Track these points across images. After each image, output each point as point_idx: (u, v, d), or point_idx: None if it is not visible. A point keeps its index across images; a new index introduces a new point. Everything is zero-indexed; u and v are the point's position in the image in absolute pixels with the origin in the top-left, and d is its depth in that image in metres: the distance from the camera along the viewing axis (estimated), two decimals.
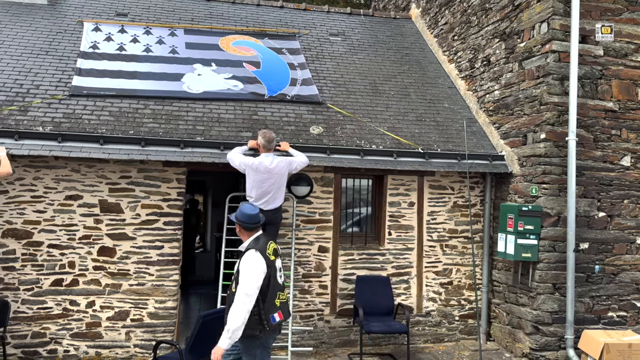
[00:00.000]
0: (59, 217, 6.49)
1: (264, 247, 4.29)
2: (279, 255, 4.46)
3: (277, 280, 4.31)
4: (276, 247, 4.48)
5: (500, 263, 7.59)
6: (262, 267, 4.17)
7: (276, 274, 4.31)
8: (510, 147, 7.49)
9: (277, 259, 4.40)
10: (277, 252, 4.45)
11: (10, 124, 6.27)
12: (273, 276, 4.26)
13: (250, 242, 4.36)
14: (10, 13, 8.36)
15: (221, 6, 9.90)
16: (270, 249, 4.32)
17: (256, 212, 4.44)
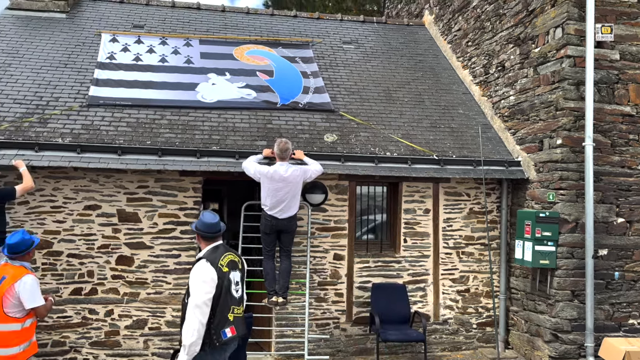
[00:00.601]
0: (78, 227, 6.59)
1: (217, 257, 4.07)
2: (238, 269, 4.21)
3: (231, 294, 4.06)
4: (236, 259, 4.24)
5: (518, 270, 7.52)
6: (211, 277, 3.94)
7: (230, 286, 4.05)
8: (526, 152, 7.44)
9: (234, 272, 4.14)
10: (235, 264, 4.19)
11: (30, 135, 6.39)
12: (226, 288, 4.01)
13: (206, 251, 4.16)
14: (30, 27, 8.54)
15: (236, 17, 10.00)
16: (224, 260, 4.08)
17: (216, 221, 4.22)
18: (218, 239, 4.23)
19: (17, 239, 4.65)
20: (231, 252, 4.24)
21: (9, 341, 4.48)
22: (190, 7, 9.99)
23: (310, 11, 12.80)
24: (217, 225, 4.21)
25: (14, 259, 4.62)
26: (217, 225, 4.21)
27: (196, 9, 9.99)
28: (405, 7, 12.30)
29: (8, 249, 4.63)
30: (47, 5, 8.97)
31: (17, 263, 4.62)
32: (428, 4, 10.85)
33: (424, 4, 11.09)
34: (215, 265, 4.00)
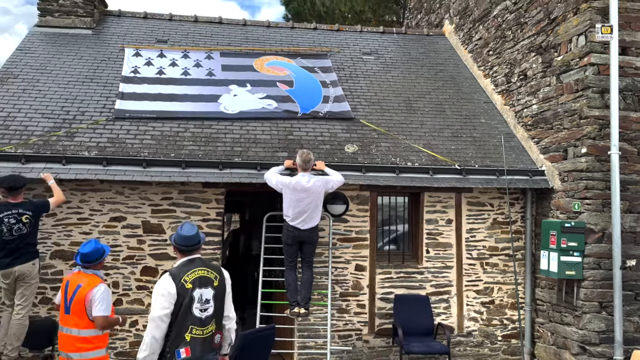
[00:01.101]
0: (104, 238, 6.69)
1: (182, 272, 3.86)
2: (211, 286, 3.92)
3: (191, 312, 3.79)
4: (210, 275, 3.96)
5: (544, 281, 7.40)
6: (168, 291, 3.76)
7: (192, 304, 3.79)
8: (550, 162, 7.35)
9: (203, 289, 3.86)
10: (206, 281, 3.91)
11: (58, 149, 6.54)
12: (186, 306, 3.77)
13: (177, 265, 4.00)
14: (57, 43, 8.77)
15: (257, 30, 10.13)
16: (191, 276, 3.84)
17: (192, 233, 4.02)
18: (194, 253, 4.03)
19: (90, 248, 4.67)
20: (206, 268, 3.98)
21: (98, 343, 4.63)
22: (212, 22, 10.15)
23: (329, 23, 12.89)
24: (193, 238, 4.02)
25: (87, 267, 4.65)
26: (193, 238, 4.02)
27: (218, 23, 10.15)
28: (425, 18, 12.31)
29: (82, 258, 4.65)
30: (74, 22, 9.21)
31: (90, 272, 4.65)
32: (448, 14, 10.84)
33: (444, 14, 11.09)
34: (177, 280, 3.80)
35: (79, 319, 4.52)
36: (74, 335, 4.54)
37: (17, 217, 5.72)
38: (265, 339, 5.26)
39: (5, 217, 5.68)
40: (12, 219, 5.70)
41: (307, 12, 19.32)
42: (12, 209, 5.73)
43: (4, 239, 5.67)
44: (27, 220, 5.78)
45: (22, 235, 5.75)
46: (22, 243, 5.75)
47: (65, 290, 4.62)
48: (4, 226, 5.66)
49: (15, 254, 5.70)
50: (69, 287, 4.60)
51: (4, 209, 5.71)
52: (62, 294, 4.67)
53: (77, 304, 4.53)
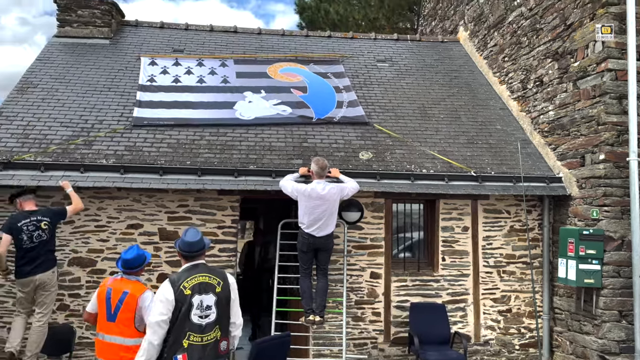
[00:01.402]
0: (121, 246, 6.75)
1: (182, 278, 3.86)
2: (212, 292, 3.90)
3: (189, 319, 3.79)
4: (212, 282, 3.94)
5: (562, 289, 7.30)
6: (166, 297, 3.78)
7: (190, 310, 3.79)
8: (567, 168, 7.27)
9: (203, 295, 3.86)
10: (207, 287, 3.90)
11: (76, 157, 6.64)
12: (184, 312, 3.77)
13: (179, 270, 4.02)
14: (75, 53, 8.92)
15: (271, 39, 10.20)
16: (190, 282, 3.84)
17: (196, 239, 4.03)
18: (198, 258, 4.04)
19: (133, 254, 4.59)
20: (208, 274, 3.96)
21: None
22: (228, 31, 10.25)
23: (343, 31, 12.93)
24: (197, 244, 4.03)
25: (129, 274, 4.57)
26: (197, 244, 4.03)
27: (233, 32, 10.25)
28: (439, 25, 12.30)
29: (124, 264, 4.57)
30: (92, 32, 9.36)
31: (133, 278, 4.58)
32: (463, 21, 10.82)
33: (458, 20, 11.08)
34: (176, 287, 3.81)
35: (125, 327, 4.37)
36: (117, 343, 4.38)
37: (35, 223, 5.78)
38: (280, 346, 5.26)
39: (24, 225, 5.74)
40: (32, 226, 5.76)
41: (321, 21, 19.42)
42: (30, 216, 5.80)
43: (25, 247, 5.71)
44: (45, 226, 5.84)
45: (42, 242, 5.80)
46: (42, 250, 5.79)
47: (107, 298, 4.45)
48: (24, 234, 5.70)
49: (37, 262, 5.75)
50: (112, 294, 4.43)
51: (22, 218, 5.78)
52: (102, 302, 4.49)
53: (126, 312, 4.38)
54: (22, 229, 5.71)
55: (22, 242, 5.70)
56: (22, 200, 5.96)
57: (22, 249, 5.72)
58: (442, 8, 12.11)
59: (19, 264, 5.75)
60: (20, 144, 6.76)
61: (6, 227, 5.76)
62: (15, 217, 5.83)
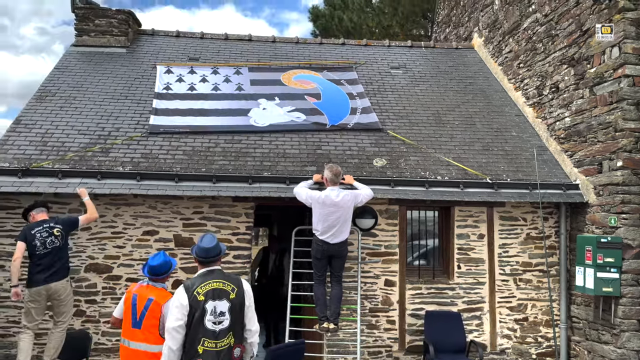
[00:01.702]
0: (137, 252, 6.82)
1: (197, 284, 3.88)
2: (222, 298, 3.89)
3: (203, 324, 3.80)
4: (226, 288, 3.93)
5: (579, 298, 7.20)
6: (180, 303, 3.81)
7: (204, 316, 3.80)
8: (584, 175, 7.19)
9: (217, 301, 3.86)
10: (221, 293, 3.89)
11: (93, 165, 6.72)
12: (198, 318, 3.79)
13: (194, 276, 4.03)
14: (93, 62, 9.05)
15: (285, 47, 10.26)
16: (204, 288, 3.85)
17: (212, 245, 4.04)
18: (214, 264, 4.04)
19: (159, 261, 4.59)
20: (222, 280, 3.96)
21: None
22: (242, 39, 10.33)
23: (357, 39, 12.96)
24: (213, 249, 4.04)
25: (155, 280, 4.57)
26: (213, 249, 4.04)
27: (248, 40, 10.33)
28: (453, 31, 12.28)
29: (151, 271, 4.57)
30: (109, 41, 9.49)
31: (159, 285, 4.59)
32: (477, 27, 10.79)
33: (472, 27, 11.05)
34: (190, 292, 3.82)
35: (150, 334, 4.38)
36: (142, 350, 4.38)
37: (48, 230, 5.81)
38: (294, 353, 5.25)
39: (37, 232, 5.77)
40: (44, 232, 5.78)
41: (334, 28, 19.51)
42: (43, 224, 5.85)
43: (38, 254, 5.70)
44: (58, 233, 5.85)
45: (55, 249, 5.78)
46: (56, 257, 5.79)
47: (133, 304, 4.46)
48: (37, 240, 5.72)
49: (52, 270, 5.73)
50: (137, 301, 4.44)
51: (35, 225, 5.82)
52: (128, 308, 4.49)
53: (151, 319, 4.39)
54: (35, 236, 5.74)
55: (35, 248, 5.71)
56: (35, 212, 6.01)
57: (35, 256, 5.71)
58: (456, 15, 12.10)
59: (33, 272, 5.71)
60: (39, 151, 6.86)
61: (21, 235, 5.81)
62: (28, 225, 5.89)
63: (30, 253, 5.74)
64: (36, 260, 5.72)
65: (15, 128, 7.26)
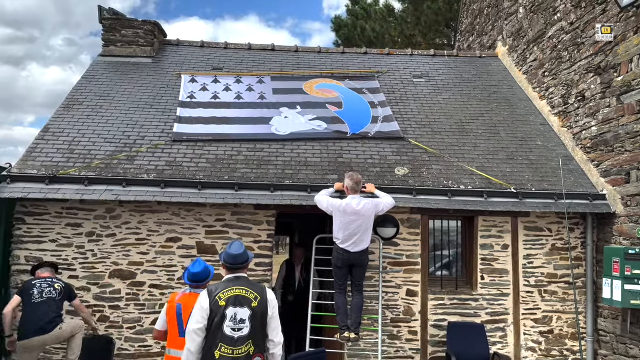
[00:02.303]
0: (160, 259, 6.89)
1: (219, 289, 3.91)
2: (244, 306, 3.90)
3: (222, 330, 3.82)
4: (249, 295, 3.94)
5: (607, 311, 7.02)
6: (201, 306, 3.86)
7: (223, 322, 3.82)
8: (612, 185, 7.04)
9: (238, 308, 3.87)
10: (243, 300, 3.90)
11: (119, 172, 6.83)
12: (217, 323, 3.82)
13: (220, 282, 4.10)
14: (120, 72, 9.23)
15: (308, 56, 10.32)
16: (226, 294, 3.88)
17: (239, 252, 4.09)
18: (240, 271, 4.09)
19: (200, 268, 4.61)
20: (246, 287, 3.98)
21: None
22: (265, 49, 10.43)
23: (380, 48, 12.98)
24: (241, 257, 4.09)
25: (196, 287, 4.56)
26: (241, 257, 4.09)
27: (271, 50, 10.42)
28: (477, 40, 12.20)
29: (192, 277, 4.58)
30: (135, 52, 9.68)
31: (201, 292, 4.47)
32: (501, 36, 10.71)
33: (496, 35, 10.97)
34: (212, 297, 3.87)
35: None
36: None
37: (50, 283, 5.92)
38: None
39: (37, 282, 5.88)
40: (45, 284, 5.89)
41: (357, 38, 19.57)
42: (47, 279, 5.96)
43: (33, 302, 5.70)
44: (59, 287, 5.95)
45: (51, 299, 5.79)
46: (51, 308, 5.76)
47: (178, 314, 4.43)
48: (35, 289, 5.78)
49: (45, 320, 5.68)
50: (183, 310, 4.40)
51: (38, 280, 5.93)
52: (172, 318, 4.46)
53: None
54: (34, 285, 5.83)
55: (31, 297, 5.71)
56: (41, 272, 6.09)
57: (30, 305, 5.69)
58: (480, 24, 12.03)
59: (23, 323, 5.69)
60: (66, 159, 7.01)
61: (18, 290, 5.92)
62: (30, 279, 6.01)
63: (24, 304, 5.72)
64: (30, 309, 5.69)
65: (44, 136, 7.43)
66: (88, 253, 6.83)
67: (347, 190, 6.45)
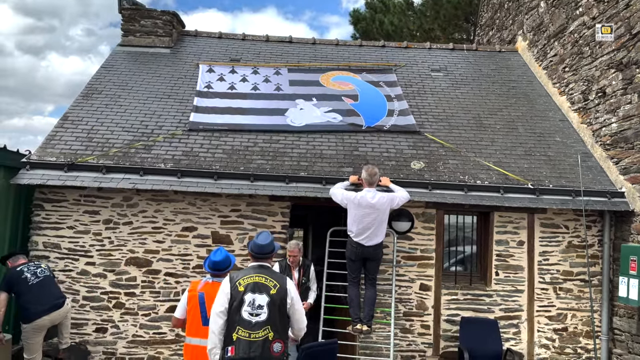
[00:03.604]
0: (176, 247, 6.96)
1: (240, 275, 4.10)
2: (262, 292, 4.04)
3: (240, 314, 3.97)
4: (268, 283, 4.08)
5: (622, 309, 6.94)
6: (223, 290, 4.05)
7: (241, 306, 3.98)
8: (631, 183, 6.93)
9: (256, 294, 4.02)
10: (262, 287, 4.05)
11: (136, 161, 6.90)
12: (235, 308, 3.98)
13: (243, 269, 4.37)
14: (138, 62, 9.30)
15: (325, 48, 10.30)
16: (246, 281, 4.05)
17: (266, 242, 4.22)
18: (264, 260, 4.22)
19: (221, 256, 4.62)
20: (265, 275, 4.12)
21: None
22: (283, 41, 10.44)
23: (398, 41, 12.88)
24: (267, 247, 4.21)
25: (218, 276, 4.56)
26: (267, 247, 4.21)
27: (288, 42, 10.41)
28: (496, 34, 12.06)
29: (213, 266, 4.59)
30: (154, 42, 9.74)
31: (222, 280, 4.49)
32: (521, 30, 10.57)
33: (516, 30, 10.83)
34: (233, 282, 4.06)
35: None
36: None
37: (34, 266, 5.93)
38: (327, 353, 5.26)
39: (23, 267, 5.83)
40: (32, 266, 5.91)
41: (375, 31, 19.45)
42: (27, 264, 5.93)
43: (31, 284, 5.71)
44: (45, 267, 6.00)
45: (47, 277, 5.87)
46: (53, 285, 5.88)
47: (200, 302, 4.43)
48: (27, 273, 5.76)
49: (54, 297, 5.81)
50: (206, 299, 4.42)
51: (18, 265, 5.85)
52: (195, 306, 4.46)
53: None
54: (22, 271, 5.77)
55: (26, 281, 5.69)
56: (12, 261, 5.97)
57: (28, 290, 5.66)
58: (500, 18, 11.88)
59: (28, 306, 5.67)
60: (84, 147, 7.09)
61: (3, 284, 5.72)
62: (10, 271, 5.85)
63: (21, 290, 5.69)
64: (30, 292, 5.68)
65: (63, 124, 7.53)
66: (105, 240, 6.92)
67: (363, 182, 6.44)
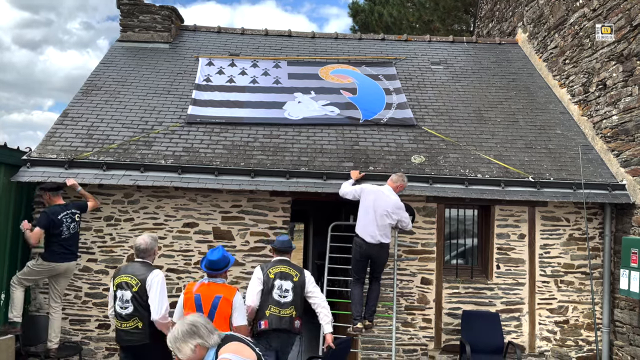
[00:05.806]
0: (177, 243, 6.96)
1: (270, 266, 5.22)
2: (290, 279, 5.15)
3: (272, 295, 5.06)
4: (291, 272, 5.19)
5: (623, 302, 6.96)
6: (257, 276, 5.15)
7: (272, 290, 5.08)
8: (632, 175, 6.93)
9: (283, 281, 5.12)
10: (286, 275, 5.16)
11: (136, 157, 6.89)
12: (267, 290, 5.07)
13: (270, 261, 5.38)
14: (137, 57, 9.26)
15: (325, 42, 10.26)
16: (275, 270, 5.16)
17: (286, 240, 5.41)
18: (285, 255, 5.36)
19: (219, 255, 4.55)
20: (288, 266, 5.25)
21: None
22: (282, 35, 10.39)
23: (397, 34, 12.84)
24: (287, 243, 5.40)
25: (214, 276, 4.53)
26: (287, 243, 5.40)
27: (287, 36, 10.37)
28: (496, 26, 12.01)
29: (209, 265, 4.53)
30: (153, 37, 9.70)
31: (220, 281, 4.54)
32: (521, 22, 10.53)
33: (516, 22, 10.78)
34: (264, 271, 5.17)
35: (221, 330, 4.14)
36: None
37: (71, 216, 6.20)
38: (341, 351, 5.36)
39: (64, 217, 6.12)
40: (69, 218, 6.17)
41: (374, 24, 19.36)
42: (65, 209, 6.18)
43: (63, 237, 6.09)
44: (78, 218, 6.30)
45: (75, 234, 6.26)
46: (74, 240, 6.26)
47: (197, 304, 4.37)
48: (64, 226, 6.10)
49: (72, 250, 6.22)
50: (203, 300, 4.37)
51: (60, 210, 6.14)
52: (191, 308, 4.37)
53: (221, 315, 4.35)
54: (62, 221, 6.09)
55: (61, 234, 6.07)
56: (53, 195, 6.23)
57: (59, 240, 6.06)
58: (500, 10, 11.83)
59: (55, 249, 6.05)
60: (84, 143, 7.08)
61: (44, 220, 5.98)
62: (53, 210, 6.10)
63: (54, 233, 6.03)
64: (59, 241, 6.08)
65: (63, 121, 7.51)
66: (106, 237, 6.93)
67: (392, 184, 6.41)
